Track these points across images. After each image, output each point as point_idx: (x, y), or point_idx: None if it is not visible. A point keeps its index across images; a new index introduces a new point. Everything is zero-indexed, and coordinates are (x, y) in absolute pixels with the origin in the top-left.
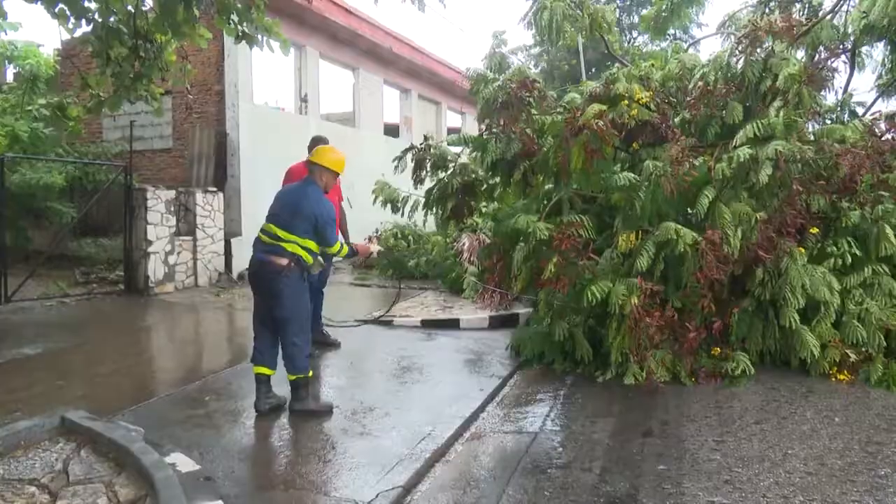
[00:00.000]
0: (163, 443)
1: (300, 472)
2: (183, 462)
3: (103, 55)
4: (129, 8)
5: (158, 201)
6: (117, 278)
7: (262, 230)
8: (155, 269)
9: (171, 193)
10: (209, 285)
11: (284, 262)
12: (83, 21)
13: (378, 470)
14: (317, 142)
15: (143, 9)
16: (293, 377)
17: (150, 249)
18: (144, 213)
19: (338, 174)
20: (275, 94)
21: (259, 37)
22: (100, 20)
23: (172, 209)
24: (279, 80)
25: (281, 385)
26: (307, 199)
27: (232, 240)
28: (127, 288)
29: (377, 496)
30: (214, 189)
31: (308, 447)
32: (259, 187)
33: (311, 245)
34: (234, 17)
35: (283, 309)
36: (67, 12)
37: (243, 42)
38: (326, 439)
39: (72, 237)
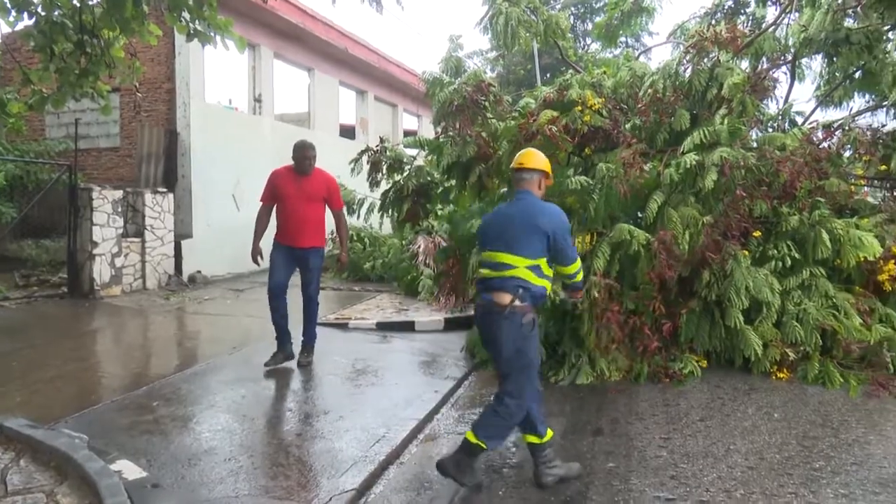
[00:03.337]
0: (108, 450)
1: (253, 477)
2: (130, 469)
3: (46, 50)
4: (75, 2)
5: (105, 201)
6: (60, 281)
7: (482, 264)
8: (101, 271)
9: (119, 193)
10: (158, 288)
11: (507, 299)
12: (25, 14)
13: (332, 473)
14: (300, 148)
15: (90, 3)
16: (471, 437)
17: (96, 251)
18: (90, 213)
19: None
20: (228, 94)
21: (212, 34)
22: (43, 13)
23: (120, 210)
24: (232, 80)
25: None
26: (543, 212)
27: (182, 241)
28: (71, 291)
29: (330, 499)
30: (164, 189)
31: (261, 452)
32: (211, 188)
33: (543, 264)
34: (186, 15)
35: (506, 361)
36: (8, 5)
37: (195, 40)
38: (280, 443)
39: (12, 238)
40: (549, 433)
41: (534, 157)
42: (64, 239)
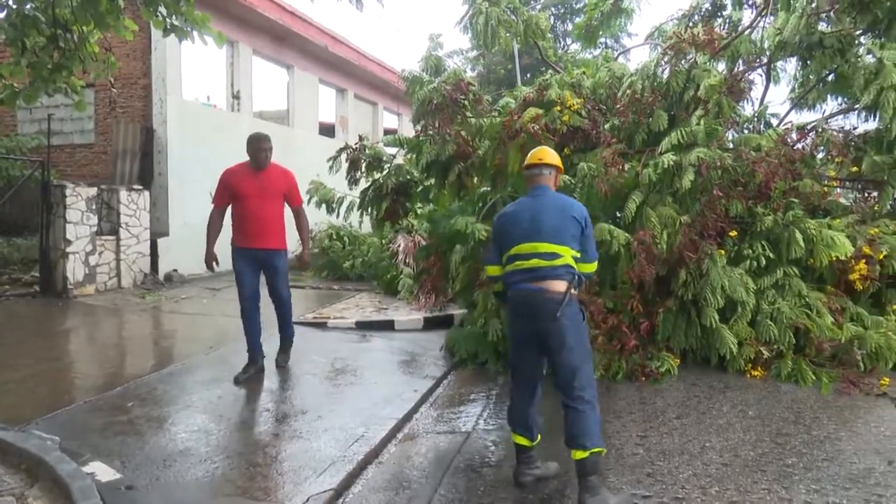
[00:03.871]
0: (81, 451)
1: (229, 478)
2: (103, 471)
3: (18, 44)
4: None
5: (79, 199)
6: (33, 280)
7: (518, 257)
8: (74, 269)
9: (93, 191)
10: (133, 287)
11: (563, 286)
12: None
13: (309, 473)
14: (255, 140)
15: None
16: (583, 454)
17: (70, 249)
18: (63, 210)
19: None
20: (206, 90)
21: (189, 29)
22: (14, 6)
23: (94, 207)
24: (210, 76)
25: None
26: (574, 205)
27: (158, 240)
28: (43, 290)
29: (308, 500)
30: (140, 187)
31: (238, 452)
32: (188, 186)
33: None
34: (162, 9)
35: (569, 352)
36: None
37: (172, 35)
38: (257, 444)
39: None
40: (538, 437)
41: (550, 153)
42: (36, 237)
